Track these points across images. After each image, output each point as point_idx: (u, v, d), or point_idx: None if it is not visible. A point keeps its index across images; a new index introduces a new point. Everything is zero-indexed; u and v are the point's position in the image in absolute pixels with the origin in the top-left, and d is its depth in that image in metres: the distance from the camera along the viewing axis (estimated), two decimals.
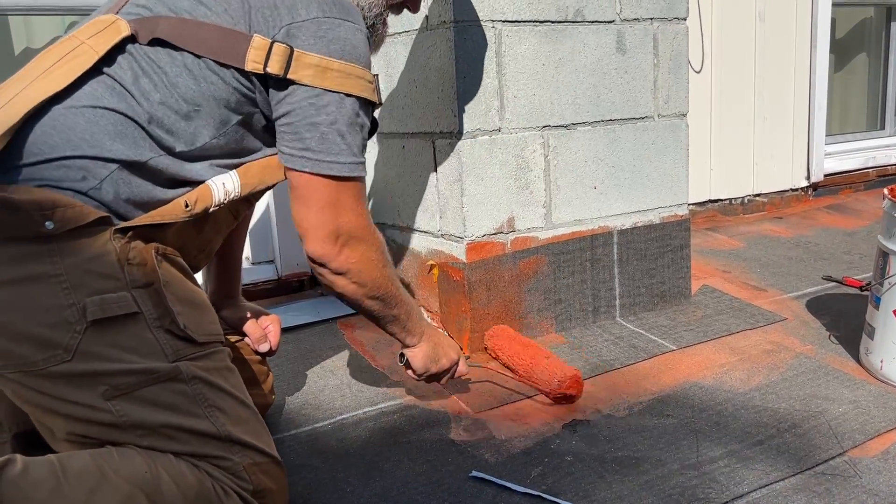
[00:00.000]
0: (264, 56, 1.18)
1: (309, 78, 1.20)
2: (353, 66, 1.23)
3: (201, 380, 1.15)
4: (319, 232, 1.26)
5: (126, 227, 1.13)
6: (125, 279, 1.11)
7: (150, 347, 1.12)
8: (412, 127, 2.03)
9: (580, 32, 1.97)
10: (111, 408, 1.09)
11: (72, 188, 1.11)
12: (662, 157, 2.17)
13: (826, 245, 2.92)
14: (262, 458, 1.19)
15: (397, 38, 2.03)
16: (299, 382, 1.84)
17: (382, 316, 1.42)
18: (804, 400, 1.70)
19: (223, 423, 1.16)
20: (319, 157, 1.23)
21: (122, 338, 1.10)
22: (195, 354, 1.16)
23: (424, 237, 2.08)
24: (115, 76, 1.17)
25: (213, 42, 1.19)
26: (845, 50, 4.06)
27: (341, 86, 1.22)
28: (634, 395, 1.75)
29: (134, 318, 1.11)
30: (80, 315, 1.07)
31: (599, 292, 2.12)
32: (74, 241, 1.08)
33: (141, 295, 1.12)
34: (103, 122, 1.14)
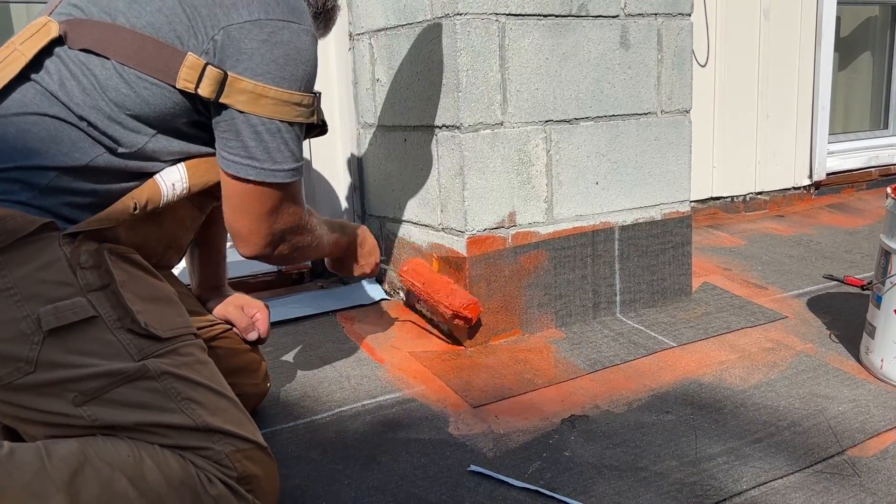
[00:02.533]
0: (196, 77, 1.15)
1: (241, 104, 1.17)
2: (289, 94, 1.19)
3: (171, 374, 1.14)
4: (257, 238, 1.27)
5: (75, 232, 1.11)
6: (78, 284, 1.10)
7: (113, 349, 1.10)
8: (414, 120, 2.03)
9: (584, 27, 1.96)
10: (83, 413, 1.09)
11: (11, 199, 1.09)
12: (665, 154, 2.16)
13: (828, 244, 2.92)
14: (245, 444, 1.18)
15: (400, 31, 2.03)
16: (298, 374, 1.84)
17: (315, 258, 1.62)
18: (804, 398, 1.70)
19: (199, 414, 1.15)
20: (265, 166, 1.21)
21: (83, 343, 1.09)
22: (161, 350, 1.15)
23: (425, 231, 2.07)
24: (41, 81, 1.14)
25: (146, 55, 1.15)
26: (850, 48, 4.04)
27: (274, 113, 1.19)
28: (634, 391, 1.74)
29: (93, 322, 1.10)
30: (35, 326, 1.06)
31: (600, 288, 2.12)
32: (21, 252, 1.07)
33: (97, 298, 1.11)
34: (35, 129, 1.12)
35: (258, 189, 1.23)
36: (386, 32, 2.09)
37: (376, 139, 2.24)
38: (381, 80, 2.16)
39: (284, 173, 1.23)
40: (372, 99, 2.22)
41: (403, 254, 2.21)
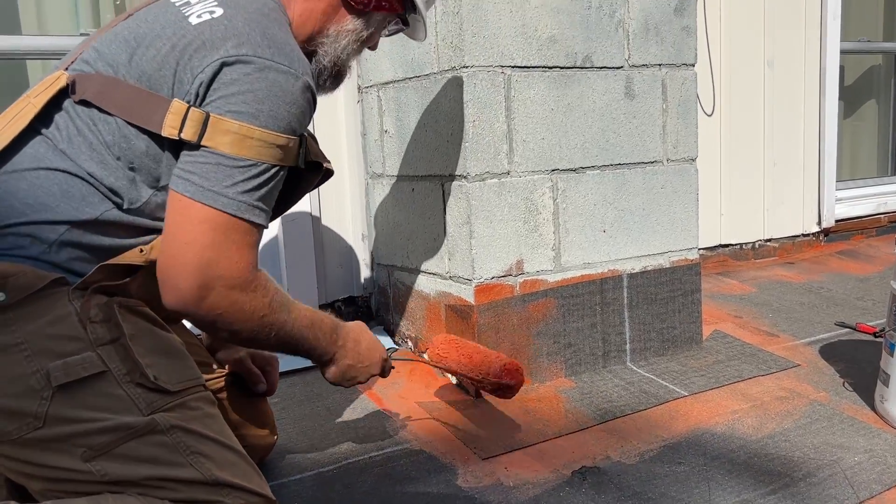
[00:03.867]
0: (180, 122, 1.12)
1: (226, 146, 1.12)
2: (275, 135, 1.15)
3: (180, 428, 1.13)
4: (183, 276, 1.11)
5: (84, 285, 1.11)
6: (88, 338, 1.09)
7: (122, 403, 1.10)
8: (422, 170, 2.05)
9: (589, 78, 1.99)
10: (92, 468, 1.08)
11: (21, 255, 1.10)
12: (672, 201, 2.17)
13: (838, 290, 2.90)
14: (254, 497, 1.17)
15: (407, 84, 2.06)
16: (306, 425, 1.83)
17: (277, 350, 1.32)
18: (818, 448, 1.67)
19: (208, 468, 1.14)
20: (213, 188, 1.11)
21: (92, 398, 1.08)
22: (170, 404, 1.14)
23: (433, 279, 2.08)
24: (52, 137, 1.15)
25: (138, 107, 1.15)
26: (855, 96, 4.08)
27: (259, 155, 1.14)
28: (646, 441, 1.72)
29: (102, 377, 1.09)
30: (45, 381, 1.06)
31: (610, 336, 2.11)
32: (31, 308, 1.07)
33: (107, 352, 1.10)
34: (47, 183, 1.13)
35: (197, 211, 1.11)
36: (394, 85, 2.13)
37: (384, 189, 2.26)
38: (389, 131, 2.19)
39: (233, 202, 1.12)
40: (380, 149, 2.25)
41: (412, 302, 2.21)
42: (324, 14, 1.33)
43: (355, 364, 1.41)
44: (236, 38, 1.15)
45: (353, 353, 1.41)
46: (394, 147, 2.17)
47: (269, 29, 1.19)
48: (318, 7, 1.33)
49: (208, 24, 1.18)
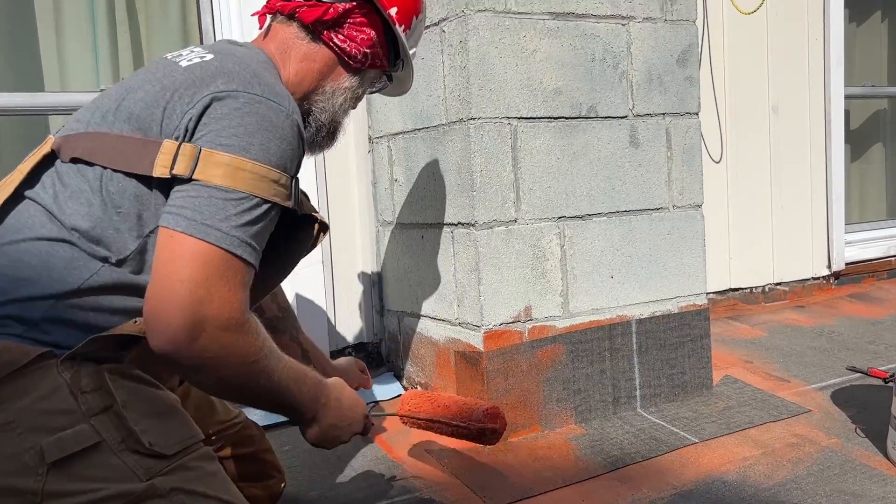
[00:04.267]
0: (171, 160, 1.11)
1: (219, 178, 1.10)
2: (267, 169, 1.14)
3: (180, 490, 1.11)
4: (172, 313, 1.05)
5: (73, 355, 1.08)
6: (80, 409, 1.07)
7: (119, 472, 1.07)
8: (431, 218, 2.08)
9: (594, 127, 2.03)
10: None
11: (6, 333, 1.08)
12: (679, 247, 2.19)
13: (850, 335, 2.89)
14: None
15: (416, 135, 2.11)
16: (315, 474, 1.83)
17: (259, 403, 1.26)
18: (831, 496, 1.65)
19: None
20: (206, 221, 1.08)
21: (88, 469, 1.06)
22: (169, 467, 1.11)
23: (442, 325, 2.10)
24: (36, 197, 1.14)
25: (125, 152, 1.14)
26: (862, 140, 4.11)
27: (253, 188, 1.12)
28: (656, 489, 1.71)
29: (97, 447, 1.07)
30: (39, 458, 1.04)
31: (619, 382, 2.11)
32: (19, 383, 1.06)
33: (101, 421, 1.08)
34: (26, 257, 1.11)
35: (189, 246, 1.07)
36: (403, 136, 2.18)
37: (394, 236, 2.30)
38: (399, 180, 2.23)
39: (226, 236, 1.09)
40: (391, 198, 2.29)
41: (421, 348, 2.23)
42: (320, 73, 1.37)
43: (338, 423, 1.34)
44: (226, 77, 1.16)
45: (336, 411, 1.33)
46: (403, 195, 2.21)
47: (259, 71, 1.21)
48: (315, 67, 1.36)
49: (199, 66, 1.19)
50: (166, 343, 1.05)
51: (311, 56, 1.36)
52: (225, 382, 1.13)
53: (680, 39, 2.16)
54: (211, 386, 1.16)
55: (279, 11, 1.37)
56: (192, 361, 1.08)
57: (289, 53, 1.35)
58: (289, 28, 1.36)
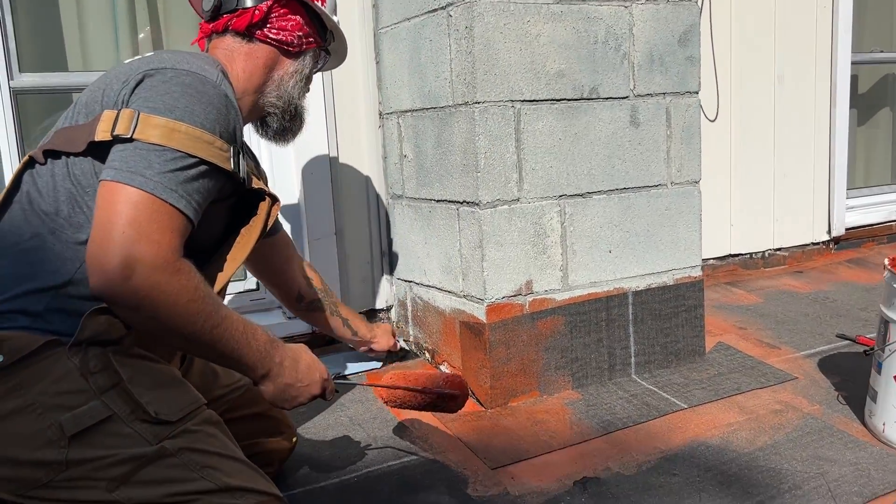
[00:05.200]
0: (111, 125, 1.21)
1: (157, 137, 1.19)
2: (200, 132, 1.23)
3: (187, 449, 1.28)
4: (105, 254, 1.13)
5: (78, 341, 1.23)
6: (91, 389, 1.22)
7: (132, 439, 1.23)
8: (437, 195, 2.18)
9: (595, 108, 2.11)
10: (117, 497, 1.23)
11: (15, 327, 1.23)
12: (675, 222, 2.29)
13: (844, 301, 2.99)
14: (264, 496, 1.33)
15: (424, 114, 2.19)
16: (329, 435, 1.98)
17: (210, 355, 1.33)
18: (806, 461, 1.78)
19: (218, 477, 1.29)
20: (127, 168, 1.18)
21: (104, 439, 1.22)
22: (175, 431, 1.27)
23: (448, 296, 2.22)
24: (20, 201, 1.29)
25: (77, 134, 1.27)
26: (869, 105, 4.13)
27: (189, 147, 1.21)
28: (644, 453, 1.85)
29: (109, 420, 1.23)
30: (59, 433, 1.20)
31: (615, 351, 2.23)
32: (34, 370, 1.21)
33: (111, 397, 1.23)
34: (23, 255, 1.26)
35: (118, 192, 1.17)
36: (412, 114, 2.27)
37: (403, 210, 2.40)
38: (408, 156, 2.33)
39: (150, 181, 1.17)
40: (400, 172, 2.39)
41: (429, 317, 2.36)
42: (266, 66, 1.53)
43: (294, 384, 1.40)
44: (159, 60, 1.31)
45: (291, 371, 1.40)
46: (412, 171, 2.31)
47: (192, 59, 1.34)
48: (259, 63, 1.52)
49: (138, 59, 1.35)
50: (102, 283, 1.14)
51: (254, 54, 1.51)
52: (163, 323, 1.19)
53: (681, 19, 2.22)
54: (152, 327, 1.21)
55: (214, 31, 1.53)
56: (128, 300, 1.15)
57: (234, 57, 1.51)
58: (227, 39, 1.52)
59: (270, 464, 1.69)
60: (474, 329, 2.10)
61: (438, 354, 2.32)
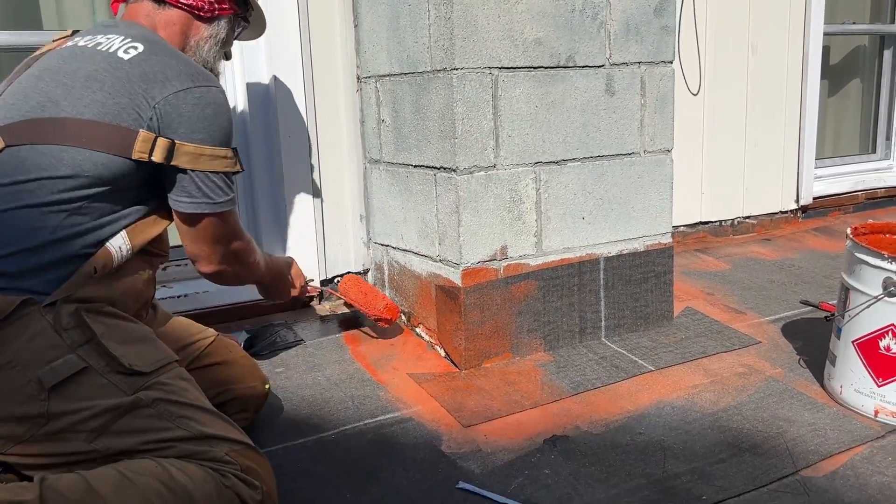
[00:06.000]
0: (149, 147, 1.39)
1: (186, 163, 1.42)
2: (217, 150, 1.45)
3: (162, 400, 1.35)
4: (215, 258, 1.55)
5: (52, 301, 1.32)
6: (65, 344, 1.30)
7: (108, 390, 1.31)
8: (415, 160, 2.21)
9: (571, 76, 2.14)
10: (96, 447, 1.29)
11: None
12: (648, 190, 2.34)
13: (809, 268, 3.07)
14: (238, 445, 1.39)
15: (403, 79, 2.21)
16: (307, 394, 2.02)
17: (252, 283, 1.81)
18: (767, 421, 1.86)
19: (193, 426, 1.35)
20: (211, 201, 1.48)
21: (82, 391, 1.29)
22: (149, 383, 1.35)
23: (425, 261, 2.25)
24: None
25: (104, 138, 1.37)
26: (840, 76, 4.20)
27: (210, 167, 1.45)
28: (612, 413, 1.91)
29: (86, 372, 1.30)
30: (39, 387, 1.27)
31: (586, 314, 2.29)
32: (10, 329, 1.28)
33: (86, 351, 1.31)
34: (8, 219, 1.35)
35: (208, 220, 1.50)
36: (390, 78, 2.28)
37: (381, 174, 2.42)
38: (385, 120, 2.34)
39: (222, 204, 1.50)
40: (377, 137, 2.41)
41: (405, 280, 2.39)
42: (182, 33, 1.60)
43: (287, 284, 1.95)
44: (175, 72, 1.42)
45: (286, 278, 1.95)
46: (390, 136, 2.33)
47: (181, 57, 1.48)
48: (176, 29, 1.59)
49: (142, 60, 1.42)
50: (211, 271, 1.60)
51: (171, 21, 1.58)
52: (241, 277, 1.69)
53: None
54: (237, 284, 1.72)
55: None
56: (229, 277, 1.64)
57: (156, 25, 1.57)
58: (143, 4, 1.59)
59: (245, 409, 1.76)
60: (450, 293, 2.14)
61: (414, 317, 2.37)
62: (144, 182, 1.45)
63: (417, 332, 2.35)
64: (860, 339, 1.87)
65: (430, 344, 2.27)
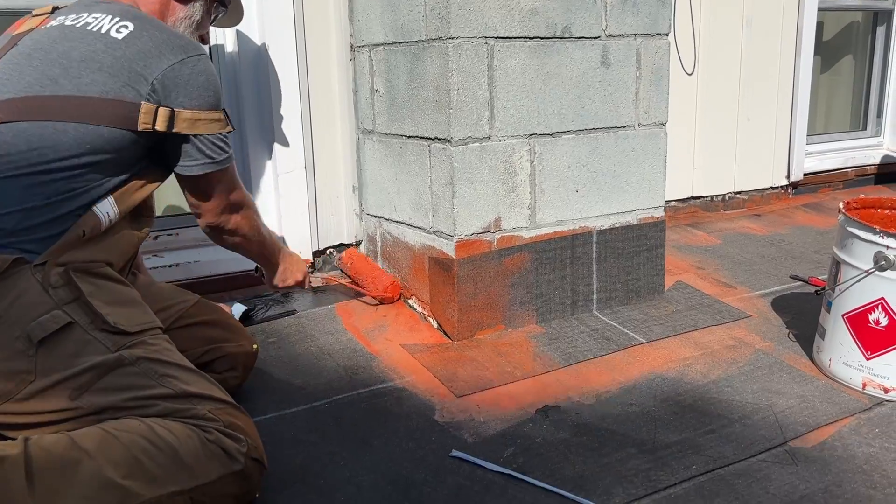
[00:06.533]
0: (152, 118, 1.46)
1: (186, 129, 1.50)
2: (211, 113, 1.53)
3: (145, 358, 1.38)
4: (215, 208, 1.64)
5: (42, 261, 1.35)
6: (53, 301, 1.33)
7: (93, 347, 1.34)
8: (409, 130, 2.19)
9: (567, 47, 2.12)
10: (81, 404, 1.31)
11: None
12: (641, 163, 2.33)
13: (799, 244, 3.09)
14: (221, 404, 1.41)
15: (397, 48, 2.18)
16: (300, 364, 2.02)
17: (257, 254, 1.86)
18: (756, 393, 1.88)
19: (176, 384, 1.38)
20: (211, 161, 1.57)
21: (68, 347, 1.32)
22: (133, 342, 1.38)
23: (418, 232, 2.25)
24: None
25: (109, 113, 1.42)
26: (833, 52, 4.19)
27: (208, 129, 1.54)
28: (603, 384, 1.93)
29: (72, 328, 1.33)
30: (27, 342, 1.30)
31: (578, 287, 2.30)
32: (1, 287, 1.31)
33: (72, 308, 1.34)
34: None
35: (209, 176, 1.58)
36: (384, 47, 2.25)
37: (374, 145, 2.41)
38: (379, 90, 2.32)
39: (222, 161, 1.59)
40: (371, 107, 2.39)
41: (398, 252, 2.39)
42: (160, 14, 1.64)
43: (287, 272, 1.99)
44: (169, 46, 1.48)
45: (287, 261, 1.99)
46: (383, 106, 2.31)
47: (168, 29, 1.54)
48: (155, 9, 1.63)
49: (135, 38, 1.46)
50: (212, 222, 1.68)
51: (149, 0, 1.62)
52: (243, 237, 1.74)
53: None
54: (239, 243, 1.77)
55: None
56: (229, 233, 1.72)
57: (137, 2, 1.60)
58: None
59: (234, 368, 1.78)
60: (443, 264, 2.14)
61: (407, 289, 2.37)
62: (145, 152, 1.50)
63: (410, 304, 2.35)
64: (850, 313, 1.89)
65: (423, 315, 2.27)
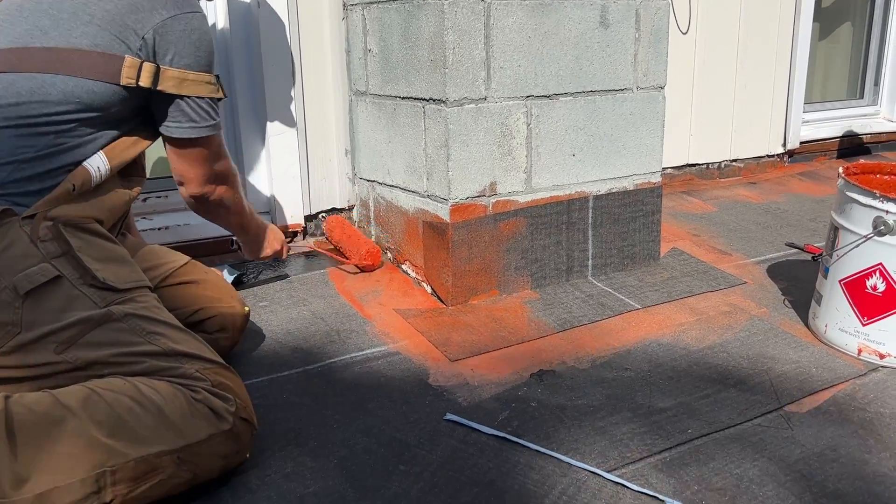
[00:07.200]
0: (136, 73, 1.43)
1: (171, 87, 1.47)
2: (201, 75, 1.51)
3: (133, 315, 1.36)
4: (199, 177, 1.62)
5: (31, 214, 1.34)
6: (41, 253, 1.32)
7: (80, 302, 1.32)
8: (403, 91, 2.15)
9: (565, 7, 2.08)
10: (66, 357, 1.30)
11: None
12: (639, 127, 2.30)
13: (794, 212, 3.08)
14: (209, 363, 1.39)
15: (391, 6, 2.13)
16: (292, 328, 2.00)
17: (237, 226, 1.85)
18: (752, 359, 1.87)
19: (164, 342, 1.36)
20: (196, 126, 1.54)
21: (55, 301, 1.31)
22: (121, 299, 1.37)
23: (412, 196, 2.21)
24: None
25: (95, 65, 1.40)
26: (832, 19, 4.14)
27: (195, 91, 1.51)
28: (598, 349, 1.91)
29: (59, 282, 1.32)
30: (14, 294, 1.28)
31: (573, 253, 2.28)
32: None
33: (61, 262, 1.33)
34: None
35: (194, 141, 1.56)
36: (378, 5, 2.20)
37: (367, 107, 2.36)
38: (372, 50, 2.27)
39: (208, 128, 1.56)
40: (364, 68, 2.34)
41: (391, 216, 2.36)
42: None
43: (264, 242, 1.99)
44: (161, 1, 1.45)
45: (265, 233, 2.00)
46: (377, 67, 2.26)
47: None
48: None
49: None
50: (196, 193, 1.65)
51: None
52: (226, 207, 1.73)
53: None
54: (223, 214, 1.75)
55: None
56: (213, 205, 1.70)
57: None
58: None
59: (225, 328, 1.74)
60: (437, 229, 2.11)
61: (401, 254, 2.34)
62: (135, 110, 1.48)
63: (404, 269, 2.32)
64: (847, 279, 1.87)
65: (417, 280, 2.25)
